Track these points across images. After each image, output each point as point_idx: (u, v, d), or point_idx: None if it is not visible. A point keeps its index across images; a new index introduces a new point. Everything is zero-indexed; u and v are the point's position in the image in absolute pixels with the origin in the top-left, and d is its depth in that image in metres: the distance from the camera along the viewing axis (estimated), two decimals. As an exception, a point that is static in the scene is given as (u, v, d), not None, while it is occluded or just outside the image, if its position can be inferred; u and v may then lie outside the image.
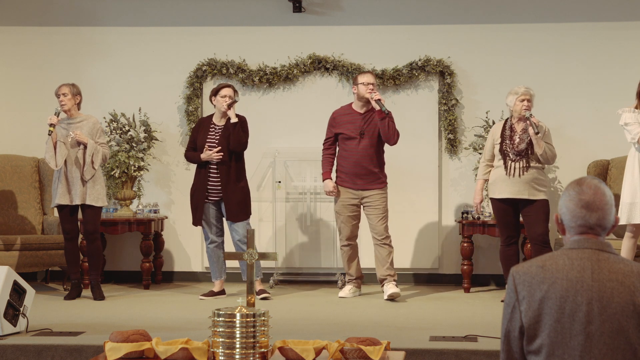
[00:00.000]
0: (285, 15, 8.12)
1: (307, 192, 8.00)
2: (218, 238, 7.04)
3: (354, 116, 7.01)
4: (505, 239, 6.80)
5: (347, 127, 6.99)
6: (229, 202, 6.90)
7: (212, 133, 6.97)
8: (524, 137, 6.67)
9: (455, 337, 5.15)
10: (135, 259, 8.00)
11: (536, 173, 6.67)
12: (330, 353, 3.73)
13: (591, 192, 2.57)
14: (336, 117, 7.10)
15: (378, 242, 6.98)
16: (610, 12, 7.90)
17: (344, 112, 7.09)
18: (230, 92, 6.96)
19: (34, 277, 8.00)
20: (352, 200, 7.01)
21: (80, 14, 8.26)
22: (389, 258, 6.97)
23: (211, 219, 6.99)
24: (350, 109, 7.08)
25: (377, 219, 6.95)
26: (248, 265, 4.01)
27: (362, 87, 6.94)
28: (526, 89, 6.71)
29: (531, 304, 2.52)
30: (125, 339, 3.79)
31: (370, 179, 6.98)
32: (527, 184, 6.63)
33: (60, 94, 6.89)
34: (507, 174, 6.65)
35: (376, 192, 6.98)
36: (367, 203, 6.99)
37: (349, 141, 6.97)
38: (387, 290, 6.91)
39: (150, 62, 8.19)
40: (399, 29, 8.06)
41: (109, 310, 6.39)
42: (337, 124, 7.06)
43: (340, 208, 7.04)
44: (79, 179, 6.80)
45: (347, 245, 7.06)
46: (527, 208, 6.66)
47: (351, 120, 7.00)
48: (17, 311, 5.26)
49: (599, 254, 2.55)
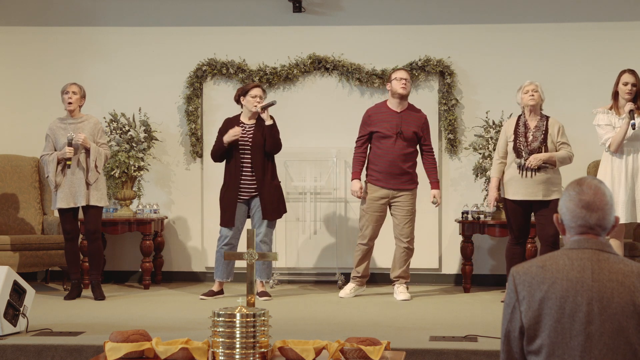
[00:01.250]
0: (285, 15, 8.12)
1: (307, 192, 8.00)
2: (235, 240, 6.94)
3: (390, 114, 6.94)
4: (513, 238, 6.75)
5: (383, 125, 6.90)
6: (265, 199, 6.87)
7: (242, 132, 6.94)
8: (537, 135, 6.64)
9: (455, 337, 5.15)
10: (135, 259, 8.00)
11: (550, 172, 6.62)
12: (330, 353, 3.73)
13: (591, 192, 2.57)
14: (371, 115, 6.99)
15: (402, 243, 6.93)
16: (610, 12, 7.91)
17: (380, 110, 7.00)
18: (261, 92, 6.94)
19: (34, 277, 8.00)
20: (383, 199, 6.93)
21: (80, 14, 8.26)
22: (407, 261, 6.96)
23: (237, 219, 6.93)
24: (385, 107, 7.01)
25: (404, 220, 6.91)
26: (248, 265, 4.01)
27: (395, 82, 6.93)
28: (530, 82, 6.72)
29: (531, 304, 2.52)
30: (125, 339, 3.79)
31: (403, 180, 6.91)
32: (542, 184, 6.58)
33: (70, 91, 6.88)
34: (520, 174, 6.62)
35: (407, 192, 6.92)
36: (396, 203, 6.93)
37: (384, 140, 6.89)
38: (398, 294, 6.91)
39: (150, 62, 8.20)
40: (399, 29, 8.06)
41: (109, 310, 6.39)
42: (372, 122, 6.96)
43: (369, 206, 6.95)
44: (83, 181, 6.80)
45: (366, 245, 6.98)
46: (541, 210, 6.62)
47: (387, 119, 6.92)
48: (17, 311, 5.26)
49: (599, 254, 2.55)
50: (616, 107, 6.50)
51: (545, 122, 6.68)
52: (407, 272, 6.97)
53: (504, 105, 7.67)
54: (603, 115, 6.48)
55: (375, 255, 7.73)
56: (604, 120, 6.45)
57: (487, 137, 7.55)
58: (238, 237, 6.96)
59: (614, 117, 6.48)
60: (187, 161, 8.16)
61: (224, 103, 7.86)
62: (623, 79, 6.45)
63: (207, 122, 8.07)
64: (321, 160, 7.78)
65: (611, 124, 6.44)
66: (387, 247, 7.24)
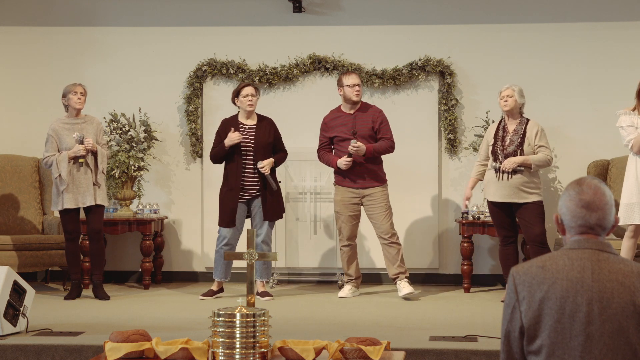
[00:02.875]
0: (285, 15, 8.12)
1: (307, 192, 8.00)
2: (235, 241, 6.97)
3: (345, 118, 7.04)
4: (502, 239, 6.82)
5: (340, 129, 7.02)
6: (267, 201, 6.89)
7: (243, 133, 6.94)
8: (514, 139, 6.68)
9: (455, 337, 5.15)
10: (135, 259, 8.00)
11: (525, 177, 6.65)
12: (330, 353, 3.73)
13: (591, 192, 2.57)
14: (328, 122, 7.13)
15: (385, 241, 6.96)
16: (610, 12, 7.90)
17: (335, 116, 7.12)
18: (251, 91, 6.95)
19: (34, 277, 8.00)
20: (353, 199, 7.00)
21: (80, 14, 8.26)
22: (399, 255, 6.96)
23: (237, 219, 6.94)
24: (339, 111, 7.12)
25: (381, 217, 6.95)
26: (248, 265, 4.01)
27: (348, 89, 6.99)
28: (507, 87, 6.73)
29: (531, 304, 2.52)
30: (125, 339, 3.79)
31: (369, 177, 6.98)
32: (516, 187, 6.63)
33: (78, 92, 6.89)
34: (496, 177, 6.67)
35: (377, 189, 6.98)
36: (369, 202, 6.98)
37: (343, 142, 6.98)
38: (402, 289, 6.91)
39: (150, 62, 8.20)
40: (399, 29, 8.06)
41: (109, 310, 6.39)
42: (329, 128, 7.09)
43: (340, 208, 7.03)
44: (90, 182, 6.81)
45: (348, 245, 7.06)
46: (520, 211, 6.68)
47: (343, 123, 7.03)
48: (17, 311, 5.26)
49: (599, 254, 2.55)
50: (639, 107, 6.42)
51: (524, 126, 6.71)
52: (403, 266, 6.98)
53: (500, 105, 7.67)
54: (626, 117, 6.39)
55: (373, 255, 7.73)
56: (626, 122, 6.36)
57: (485, 137, 7.55)
58: (237, 237, 6.97)
59: (637, 118, 6.37)
60: (187, 161, 8.16)
61: (224, 103, 7.86)
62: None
63: (207, 122, 8.07)
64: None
65: (634, 124, 6.33)
66: (382, 246, 7.24)
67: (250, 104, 6.93)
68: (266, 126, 7.01)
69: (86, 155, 6.79)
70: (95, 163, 6.84)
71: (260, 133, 6.94)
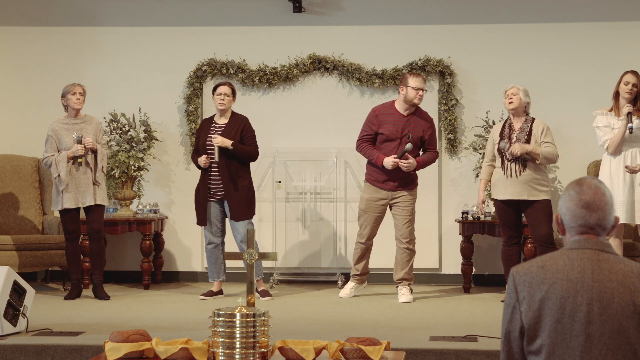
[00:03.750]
0: (285, 15, 8.12)
1: (307, 192, 8.00)
2: (217, 239, 7.01)
3: (397, 117, 6.84)
4: (507, 239, 6.79)
5: (389, 127, 6.80)
6: (231, 200, 6.88)
7: (211, 132, 6.96)
8: (520, 137, 6.67)
9: (455, 337, 5.15)
10: (135, 259, 8.00)
11: (534, 173, 6.65)
12: (330, 353, 3.73)
13: (591, 192, 2.57)
14: (378, 115, 6.86)
15: (402, 244, 6.90)
16: (610, 12, 7.90)
17: (387, 112, 6.88)
18: (225, 90, 6.94)
19: (34, 277, 8.00)
20: (382, 200, 6.88)
21: (80, 14, 8.26)
22: (410, 262, 6.91)
23: (213, 218, 6.97)
24: (392, 108, 6.89)
25: (403, 220, 6.87)
26: (248, 265, 4.01)
27: (411, 91, 6.76)
28: (512, 86, 6.74)
29: (531, 304, 2.52)
30: (125, 339, 3.79)
31: (403, 182, 6.86)
32: (526, 184, 6.62)
33: (77, 92, 6.89)
34: (504, 175, 6.65)
35: (406, 193, 6.86)
36: (396, 204, 6.88)
37: (387, 142, 6.81)
38: (402, 296, 6.88)
39: (150, 62, 8.19)
40: (399, 29, 8.06)
41: (109, 310, 6.39)
42: (379, 122, 6.83)
43: (367, 207, 6.90)
44: (90, 181, 6.81)
45: (364, 243, 6.97)
46: (529, 209, 6.65)
47: (394, 122, 6.82)
48: (17, 311, 5.26)
49: (599, 254, 2.55)
50: (617, 108, 6.53)
51: (530, 124, 6.71)
52: (410, 273, 6.94)
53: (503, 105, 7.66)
54: (602, 117, 6.53)
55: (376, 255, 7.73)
56: (602, 122, 6.51)
57: (487, 137, 7.54)
58: (220, 235, 7.02)
59: (613, 119, 6.51)
60: (187, 161, 8.15)
61: (224, 103, 7.85)
62: (625, 79, 6.49)
63: (207, 122, 8.06)
64: (321, 160, 7.77)
65: (610, 125, 6.49)
66: (388, 246, 7.24)
67: (221, 103, 6.93)
68: (235, 125, 6.97)
69: (86, 155, 6.79)
70: (95, 162, 6.85)
71: (226, 133, 6.92)
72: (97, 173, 6.84)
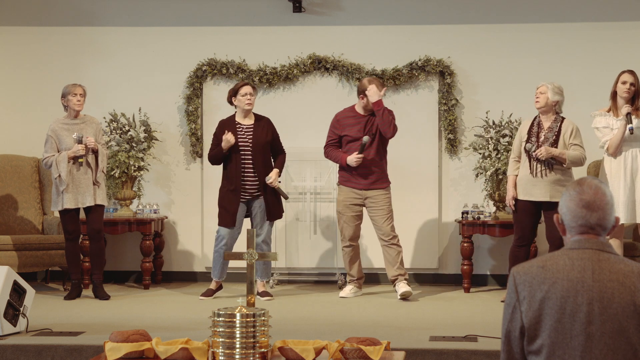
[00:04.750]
0: (285, 15, 8.12)
1: (307, 192, 8.00)
2: (232, 240, 6.94)
3: (358, 118, 6.99)
4: (518, 239, 6.70)
5: (352, 129, 6.97)
6: (268, 201, 6.89)
7: (240, 133, 6.94)
8: (549, 136, 6.61)
9: (455, 337, 5.15)
10: (135, 259, 8.00)
11: (560, 174, 6.57)
12: (330, 353, 3.73)
13: (592, 192, 2.57)
14: (340, 120, 7.07)
15: (386, 243, 6.95)
16: (610, 12, 7.91)
17: (348, 114, 7.06)
18: (250, 90, 6.95)
19: (34, 277, 8.00)
20: (356, 200, 6.99)
21: (80, 14, 8.26)
22: (399, 258, 6.95)
23: (238, 219, 6.92)
24: (353, 111, 7.06)
25: (382, 219, 6.93)
26: (248, 265, 4.01)
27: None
28: (542, 84, 6.71)
29: (532, 304, 2.52)
30: (125, 339, 3.79)
31: (373, 179, 6.96)
32: (550, 185, 6.54)
33: (77, 93, 6.88)
34: (531, 174, 6.61)
35: (380, 192, 6.96)
36: (371, 204, 6.96)
37: (352, 143, 6.95)
38: (399, 289, 6.90)
39: (150, 62, 8.19)
40: (399, 29, 8.06)
41: (109, 310, 6.39)
42: (341, 127, 7.04)
43: (343, 208, 7.02)
44: (90, 181, 6.82)
45: (349, 246, 7.04)
46: (549, 211, 6.54)
47: (355, 123, 6.98)
48: (17, 311, 5.26)
49: (600, 254, 2.54)
50: (614, 108, 6.53)
51: (560, 124, 6.66)
52: (402, 268, 6.97)
53: (504, 105, 7.67)
54: (601, 118, 6.53)
55: (373, 255, 7.74)
56: (601, 123, 6.50)
57: (487, 137, 7.54)
58: (236, 237, 6.96)
59: (612, 119, 6.51)
60: (187, 161, 8.16)
61: (224, 103, 7.84)
62: (622, 78, 6.50)
63: (207, 122, 8.07)
64: (321, 160, 7.76)
65: (609, 126, 6.49)
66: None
67: (248, 103, 6.93)
68: (264, 125, 7.00)
69: (86, 155, 6.79)
70: (95, 162, 6.85)
71: (258, 132, 6.94)
72: (98, 173, 6.85)
